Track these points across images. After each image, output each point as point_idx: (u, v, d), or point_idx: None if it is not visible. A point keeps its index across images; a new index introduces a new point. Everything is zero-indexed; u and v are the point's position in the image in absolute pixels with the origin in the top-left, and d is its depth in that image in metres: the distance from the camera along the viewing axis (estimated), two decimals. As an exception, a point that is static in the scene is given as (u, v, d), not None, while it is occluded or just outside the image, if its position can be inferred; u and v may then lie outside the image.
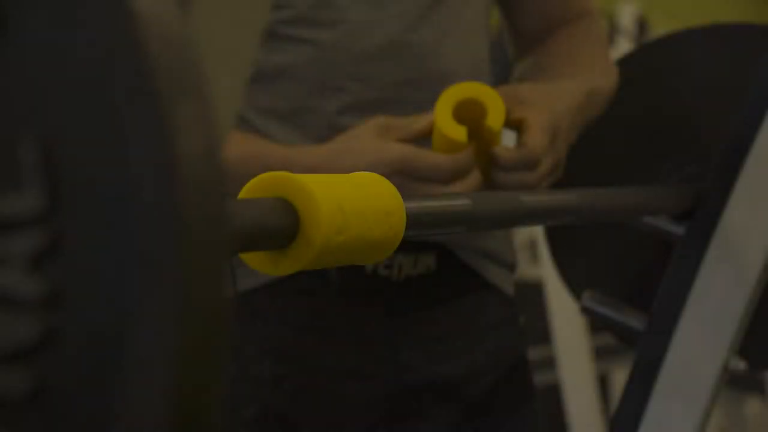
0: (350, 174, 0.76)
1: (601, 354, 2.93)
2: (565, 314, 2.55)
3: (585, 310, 1.34)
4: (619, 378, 3.28)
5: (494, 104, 1.08)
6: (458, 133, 1.07)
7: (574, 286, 1.45)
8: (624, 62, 1.38)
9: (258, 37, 0.56)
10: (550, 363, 2.71)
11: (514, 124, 1.10)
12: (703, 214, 1.25)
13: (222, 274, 0.36)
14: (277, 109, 1.15)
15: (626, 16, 3.82)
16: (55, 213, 0.36)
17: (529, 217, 1.01)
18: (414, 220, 0.78)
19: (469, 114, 1.08)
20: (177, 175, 0.33)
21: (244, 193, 0.69)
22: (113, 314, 0.35)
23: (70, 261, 0.36)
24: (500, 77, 2.02)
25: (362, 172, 0.77)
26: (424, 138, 1.10)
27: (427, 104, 1.16)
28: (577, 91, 1.18)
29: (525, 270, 3.10)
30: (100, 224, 0.35)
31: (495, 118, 1.08)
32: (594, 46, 1.31)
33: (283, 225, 0.67)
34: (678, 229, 1.27)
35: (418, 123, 1.09)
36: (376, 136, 1.07)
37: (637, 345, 1.27)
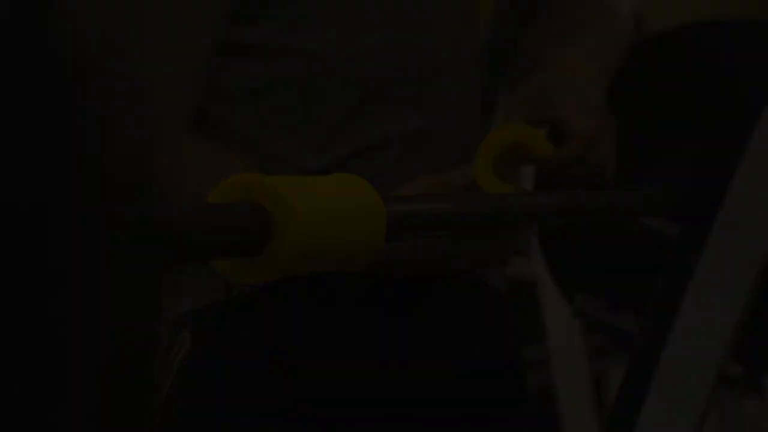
0: (327, 176, 0.73)
1: (596, 354, 2.91)
2: (559, 314, 2.53)
3: (578, 313, 1.32)
4: (615, 378, 3.26)
5: (531, 137, 1.08)
6: (505, 191, 1.06)
7: (567, 288, 1.43)
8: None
9: (210, 37, 0.53)
10: (544, 363, 2.70)
11: (550, 126, 1.11)
12: (698, 214, 1.23)
13: (152, 285, 0.33)
14: (274, 121, 1.14)
15: (623, 12, 3.81)
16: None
17: (518, 219, 0.99)
18: (396, 224, 0.75)
19: (511, 155, 1.07)
20: (99, 176, 0.30)
21: (213, 197, 0.66)
22: (33, 339, 0.32)
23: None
24: (498, 64, 2.01)
25: (341, 174, 0.74)
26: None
27: (422, 101, 1.17)
28: (580, 55, 1.21)
29: (519, 269, 3.08)
30: (14, 238, 0.32)
31: (541, 147, 1.09)
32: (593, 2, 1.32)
33: (254, 230, 0.63)
34: (673, 230, 1.25)
35: (459, 180, 1.09)
36: None
37: (632, 348, 1.25)
